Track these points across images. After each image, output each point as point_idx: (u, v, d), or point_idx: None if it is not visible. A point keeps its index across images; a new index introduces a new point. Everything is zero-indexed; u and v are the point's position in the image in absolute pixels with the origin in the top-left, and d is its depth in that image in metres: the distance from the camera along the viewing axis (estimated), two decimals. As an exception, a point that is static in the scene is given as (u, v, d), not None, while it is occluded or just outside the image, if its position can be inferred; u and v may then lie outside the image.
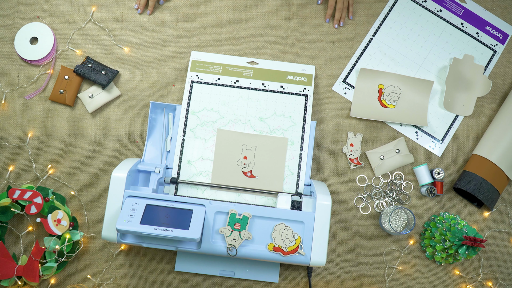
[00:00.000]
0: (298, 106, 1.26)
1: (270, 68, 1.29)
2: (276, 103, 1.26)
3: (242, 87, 1.27)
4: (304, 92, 1.27)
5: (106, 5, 1.32)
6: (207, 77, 1.27)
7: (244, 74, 1.27)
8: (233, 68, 1.28)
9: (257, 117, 1.25)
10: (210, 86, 1.26)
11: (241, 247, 1.10)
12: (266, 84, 1.27)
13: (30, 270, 1.15)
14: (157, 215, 1.07)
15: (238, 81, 1.27)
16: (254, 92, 1.26)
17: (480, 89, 1.31)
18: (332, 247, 1.25)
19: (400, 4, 1.35)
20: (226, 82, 1.27)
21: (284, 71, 1.28)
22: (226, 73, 1.27)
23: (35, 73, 1.29)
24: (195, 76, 1.27)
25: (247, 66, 1.28)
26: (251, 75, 1.27)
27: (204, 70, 1.27)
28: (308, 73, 1.28)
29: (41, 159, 1.26)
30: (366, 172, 1.29)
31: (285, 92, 1.26)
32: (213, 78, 1.27)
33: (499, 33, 1.35)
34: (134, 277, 1.23)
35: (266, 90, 1.26)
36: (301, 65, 1.29)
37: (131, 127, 1.28)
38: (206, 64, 1.28)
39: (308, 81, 1.28)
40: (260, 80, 1.27)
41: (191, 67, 1.27)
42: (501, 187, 1.25)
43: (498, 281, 1.26)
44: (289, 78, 1.28)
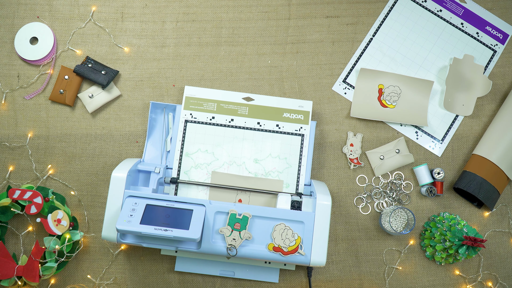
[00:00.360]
0: (294, 147, 1.23)
1: (266, 104, 1.25)
2: (272, 144, 1.23)
3: (237, 126, 1.24)
4: (300, 131, 1.24)
5: (106, 5, 1.32)
6: (201, 116, 1.24)
7: (239, 112, 1.24)
8: (228, 105, 1.24)
9: (252, 158, 1.23)
10: (205, 126, 1.23)
11: (241, 247, 1.10)
12: (261, 123, 1.24)
13: (30, 270, 1.15)
14: (157, 215, 1.07)
15: (233, 120, 1.24)
16: (249, 132, 1.23)
17: (480, 89, 1.31)
18: (332, 247, 1.25)
19: (400, 4, 1.35)
20: (221, 121, 1.24)
21: (280, 108, 1.25)
22: (220, 111, 1.24)
23: (35, 73, 1.29)
24: (189, 115, 1.24)
25: (242, 103, 1.24)
26: (246, 112, 1.24)
27: (198, 108, 1.24)
28: (305, 110, 1.25)
29: (41, 159, 1.26)
30: (366, 172, 1.29)
31: (281, 132, 1.24)
32: (207, 117, 1.24)
33: (499, 33, 1.35)
34: (134, 277, 1.23)
35: (262, 129, 1.24)
36: (298, 101, 1.25)
37: (131, 127, 1.28)
38: (200, 101, 1.24)
39: (305, 119, 1.25)
40: (256, 118, 1.24)
41: (185, 105, 1.24)
42: (501, 187, 1.25)
43: (498, 281, 1.26)
44: (286, 115, 1.25)
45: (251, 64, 1.32)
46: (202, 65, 1.31)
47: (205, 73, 1.31)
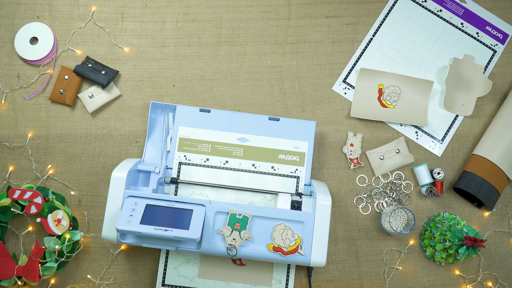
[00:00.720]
0: (289, 189, 1.22)
1: (261, 146, 1.23)
2: (267, 186, 1.22)
3: (232, 168, 1.23)
4: (295, 173, 1.23)
5: (106, 5, 1.32)
6: (195, 158, 1.22)
7: (234, 154, 1.23)
8: (223, 147, 1.23)
9: (247, 201, 1.22)
10: (199, 168, 1.22)
11: (241, 247, 1.10)
12: (256, 165, 1.23)
13: (30, 270, 1.15)
14: (157, 215, 1.07)
15: (227, 162, 1.23)
16: (244, 174, 1.21)
17: (480, 89, 1.31)
18: (332, 247, 1.25)
19: (400, 4, 1.35)
20: (215, 163, 1.23)
21: (276, 149, 1.23)
22: (215, 153, 1.23)
23: (35, 73, 1.29)
24: (183, 157, 1.23)
25: (237, 144, 1.23)
26: (241, 154, 1.23)
27: (192, 150, 1.22)
28: (300, 151, 1.23)
29: (41, 159, 1.26)
30: (366, 172, 1.29)
31: (276, 174, 1.23)
32: (202, 159, 1.22)
33: (499, 33, 1.35)
34: (134, 277, 1.23)
35: (257, 172, 1.22)
36: (294, 142, 1.23)
37: (131, 127, 1.28)
38: (194, 143, 1.23)
39: (301, 160, 1.23)
40: (251, 160, 1.22)
41: (179, 147, 1.22)
42: (501, 187, 1.25)
43: (498, 281, 1.26)
44: (281, 157, 1.23)
45: (251, 64, 1.32)
46: (202, 65, 1.31)
47: (205, 73, 1.31)
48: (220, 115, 1.24)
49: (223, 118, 1.24)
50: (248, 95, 1.31)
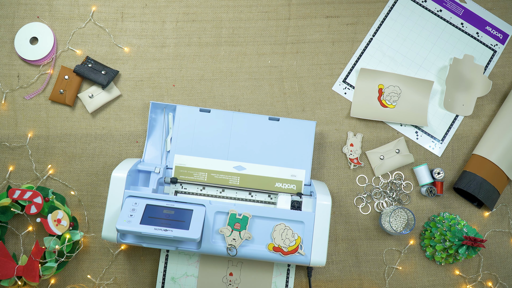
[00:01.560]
0: None
1: (257, 174, 1.22)
2: None
3: (228, 197, 1.22)
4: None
5: (106, 5, 1.32)
6: (191, 188, 1.22)
7: (230, 182, 1.22)
8: (219, 175, 1.22)
9: None
10: (195, 197, 1.21)
11: (241, 247, 1.10)
12: (253, 194, 1.22)
13: (30, 270, 1.15)
14: (157, 215, 1.07)
15: (224, 191, 1.22)
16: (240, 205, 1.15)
17: (480, 89, 1.31)
18: (332, 247, 1.25)
19: (400, 4, 1.35)
20: (212, 193, 1.22)
21: (273, 177, 1.22)
22: (211, 181, 1.22)
23: (35, 73, 1.29)
24: (179, 186, 1.22)
25: (234, 172, 1.22)
26: (238, 182, 1.22)
27: (188, 178, 1.22)
28: (297, 180, 1.22)
29: (41, 159, 1.26)
30: (366, 172, 1.29)
31: (273, 203, 1.22)
32: (198, 188, 1.22)
33: (499, 33, 1.35)
34: (134, 277, 1.23)
35: (253, 200, 1.22)
36: (291, 170, 1.22)
37: (131, 127, 1.28)
38: (190, 171, 1.22)
39: (298, 188, 1.22)
40: (247, 188, 1.21)
41: (175, 175, 1.22)
42: (501, 187, 1.25)
43: (498, 281, 1.26)
44: (278, 185, 1.22)
45: (251, 64, 1.32)
46: (202, 65, 1.31)
47: (205, 73, 1.31)
48: (220, 115, 1.24)
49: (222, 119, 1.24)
50: (248, 95, 1.31)
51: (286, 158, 1.23)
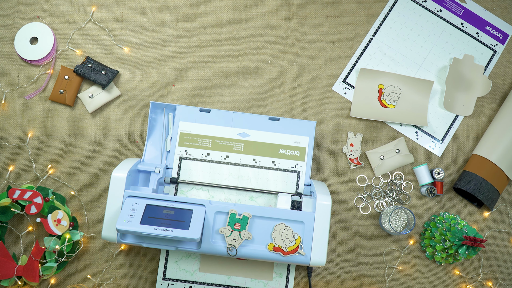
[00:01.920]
0: (290, 184, 1.22)
1: (261, 141, 1.24)
2: (267, 181, 1.22)
3: (232, 163, 1.23)
4: (296, 168, 1.23)
5: (106, 5, 1.32)
6: (196, 153, 1.23)
7: (234, 148, 1.23)
8: (223, 142, 1.23)
9: (248, 196, 1.22)
10: (200, 163, 1.22)
11: (241, 247, 1.10)
12: (257, 159, 1.23)
13: (30, 270, 1.15)
14: (157, 215, 1.07)
15: (228, 157, 1.23)
16: (244, 169, 1.21)
17: (480, 89, 1.31)
18: (332, 247, 1.25)
19: (400, 4, 1.35)
20: (216, 158, 1.23)
21: (276, 144, 1.23)
22: (216, 148, 1.23)
23: (35, 73, 1.29)
24: (184, 152, 1.23)
25: (238, 139, 1.23)
26: (242, 149, 1.23)
27: (193, 145, 1.23)
28: (301, 146, 1.23)
29: (41, 159, 1.26)
30: (366, 172, 1.29)
31: (277, 169, 1.23)
32: (202, 154, 1.23)
33: (499, 33, 1.35)
34: (134, 277, 1.23)
35: (257, 166, 1.23)
36: (294, 137, 1.24)
37: (131, 127, 1.29)
38: (195, 138, 1.23)
39: (301, 155, 1.23)
40: (251, 155, 1.23)
41: (179, 141, 1.23)
42: (501, 187, 1.25)
43: (498, 281, 1.26)
44: (281, 152, 1.23)
45: (251, 64, 1.32)
46: (202, 65, 1.31)
47: (205, 73, 1.31)
48: (220, 115, 1.24)
49: (223, 117, 1.24)
50: (248, 95, 1.31)
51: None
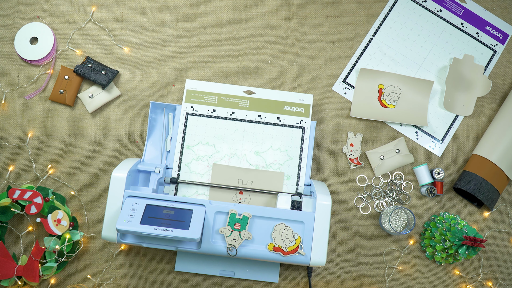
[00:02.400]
0: (295, 139, 1.24)
1: (266, 98, 1.26)
2: (273, 137, 1.24)
3: (238, 119, 1.24)
4: (301, 124, 1.24)
5: (106, 5, 1.32)
6: (202, 109, 1.24)
7: (240, 105, 1.25)
8: (229, 99, 1.25)
9: (253, 151, 1.23)
10: (206, 119, 1.24)
11: (241, 247, 1.10)
12: (262, 116, 1.24)
13: (30, 270, 1.15)
14: (157, 215, 1.07)
15: (234, 113, 1.24)
16: (250, 125, 1.23)
17: (480, 89, 1.32)
18: (332, 247, 1.25)
19: (400, 4, 1.35)
20: (222, 114, 1.24)
21: (281, 101, 1.25)
22: (221, 104, 1.25)
23: (35, 73, 1.29)
24: (190, 108, 1.24)
25: (243, 96, 1.25)
26: (247, 105, 1.25)
27: (199, 101, 1.24)
28: (305, 103, 1.25)
29: (41, 159, 1.26)
30: (366, 172, 1.29)
31: (282, 125, 1.24)
32: (208, 110, 1.24)
33: (499, 33, 1.35)
34: (134, 277, 1.23)
35: (263, 122, 1.24)
36: (299, 94, 1.26)
37: (131, 127, 1.29)
38: (201, 94, 1.25)
39: (306, 112, 1.25)
40: (257, 111, 1.25)
41: (186, 98, 1.24)
42: (501, 187, 1.25)
43: (498, 281, 1.26)
44: (286, 108, 1.25)
45: (251, 64, 1.32)
46: (202, 65, 1.31)
47: (205, 73, 1.31)
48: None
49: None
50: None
51: None
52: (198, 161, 1.23)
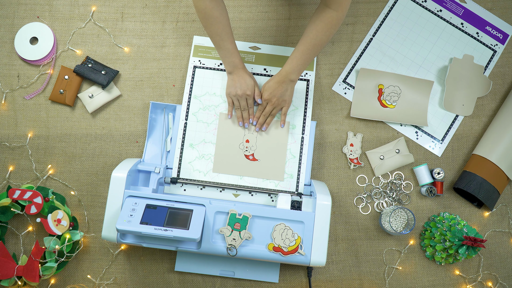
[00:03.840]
0: (300, 90, 1.27)
1: (271, 53, 1.30)
2: None
3: None
4: (305, 77, 1.28)
5: (106, 5, 1.32)
6: (209, 62, 1.28)
7: (246, 59, 1.29)
8: None
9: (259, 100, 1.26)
10: (212, 71, 1.27)
11: (241, 247, 1.10)
12: (268, 69, 1.28)
13: (30, 270, 1.15)
14: (157, 215, 1.07)
15: None
16: (256, 77, 1.27)
17: (480, 89, 1.32)
18: (332, 247, 1.25)
19: (400, 4, 1.35)
20: None
21: (286, 56, 1.30)
22: None
23: (35, 73, 1.29)
24: (197, 61, 1.28)
25: (249, 51, 1.29)
26: (253, 60, 1.29)
27: (206, 56, 1.29)
28: None
29: (41, 159, 1.26)
30: (366, 172, 1.29)
31: None
32: (215, 63, 1.28)
33: (499, 33, 1.35)
34: (134, 277, 1.23)
35: (268, 75, 1.28)
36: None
37: (131, 127, 1.28)
38: (208, 49, 1.29)
39: (310, 65, 1.29)
40: (262, 65, 1.29)
41: (194, 52, 1.29)
42: (501, 187, 1.25)
43: (498, 281, 1.26)
44: None
45: (251, 64, 1.32)
46: (202, 65, 1.31)
47: (205, 73, 1.31)
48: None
49: None
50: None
51: None
52: (205, 111, 1.25)
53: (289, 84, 1.17)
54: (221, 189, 1.23)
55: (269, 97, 1.19)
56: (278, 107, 1.21)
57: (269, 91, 1.19)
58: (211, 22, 1.10)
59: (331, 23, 1.07)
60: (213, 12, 1.08)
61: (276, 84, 1.18)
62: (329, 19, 1.06)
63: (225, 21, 1.11)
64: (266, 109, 1.21)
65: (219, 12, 1.09)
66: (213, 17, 1.09)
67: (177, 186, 1.23)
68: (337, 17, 1.07)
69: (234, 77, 1.20)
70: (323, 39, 1.10)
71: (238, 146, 1.24)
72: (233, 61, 1.17)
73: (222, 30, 1.11)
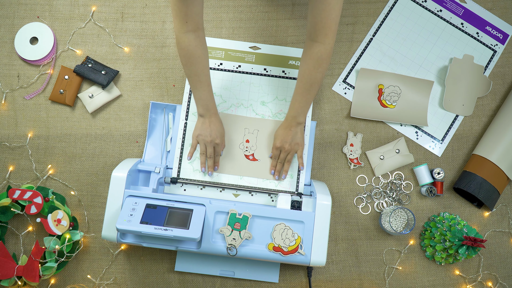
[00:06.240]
0: None
1: (271, 53, 1.30)
2: (278, 88, 1.27)
3: (244, 72, 1.28)
4: None
5: (106, 5, 1.32)
6: (209, 62, 1.28)
7: (246, 59, 1.29)
8: (235, 53, 1.29)
9: (259, 101, 1.26)
10: (212, 71, 1.28)
11: (241, 247, 1.10)
12: (268, 69, 1.28)
13: (30, 270, 1.15)
14: (157, 215, 1.07)
15: (240, 66, 1.28)
16: (256, 77, 1.28)
17: (480, 89, 1.32)
18: (332, 247, 1.25)
19: (400, 4, 1.35)
20: (228, 67, 1.28)
21: (286, 56, 1.29)
22: (228, 58, 1.29)
23: (35, 73, 1.29)
24: None
25: (249, 51, 1.30)
26: (253, 60, 1.29)
27: None
28: None
29: (41, 159, 1.26)
30: (366, 172, 1.29)
31: (287, 77, 1.27)
32: (216, 63, 1.28)
33: (499, 33, 1.35)
34: (134, 277, 1.23)
35: (268, 75, 1.28)
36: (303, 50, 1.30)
37: (131, 127, 1.29)
38: (208, 49, 1.28)
39: None
40: (262, 65, 1.29)
41: None
42: (501, 187, 1.25)
43: (498, 281, 1.26)
44: (291, 63, 1.29)
45: (251, 64, 1.32)
46: (202, 65, 1.31)
47: (205, 73, 1.31)
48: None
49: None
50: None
51: None
52: None
53: (297, 127, 1.17)
54: (221, 189, 1.23)
55: (281, 144, 1.19)
56: (292, 151, 1.19)
57: (280, 138, 1.19)
58: (192, 61, 1.07)
59: (320, 58, 1.05)
60: (196, 50, 1.06)
61: (285, 131, 1.18)
62: (318, 55, 1.04)
63: (205, 62, 1.09)
64: (281, 156, 1.20)
65: (201, 52, 1.07)
66: (195, 56, 1.07)
67: (177, 186, 1.23)
68: (325, 50, 1.04)
69: (206, 120, 1.17)
70: (318, 76, 1.08)
71: (238, 146, 1.24)
72: (207, 105, 1.14)
73: (201, 71, 1.09)
